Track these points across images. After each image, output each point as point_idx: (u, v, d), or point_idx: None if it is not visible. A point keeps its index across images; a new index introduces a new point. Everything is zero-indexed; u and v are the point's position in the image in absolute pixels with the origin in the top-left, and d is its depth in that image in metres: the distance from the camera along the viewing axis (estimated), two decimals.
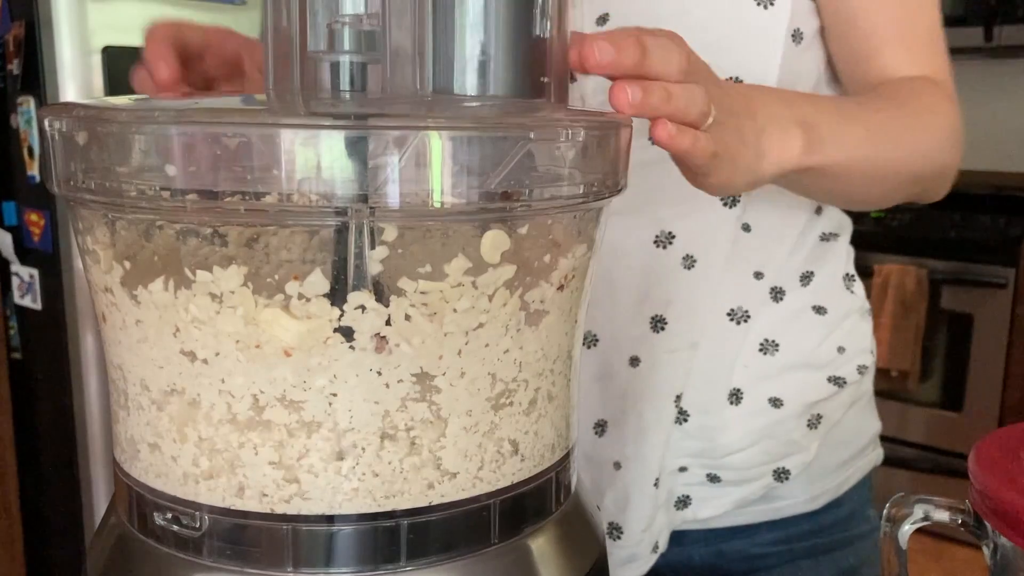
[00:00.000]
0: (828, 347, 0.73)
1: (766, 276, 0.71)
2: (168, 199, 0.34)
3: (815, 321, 0.73)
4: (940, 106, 0.66)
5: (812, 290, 0.73)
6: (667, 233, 0.68)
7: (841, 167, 0.57)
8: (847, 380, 0.73)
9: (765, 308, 0.71)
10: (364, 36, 0.40)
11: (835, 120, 0.58)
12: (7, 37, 1.61)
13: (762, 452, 0.71)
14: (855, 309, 0.76)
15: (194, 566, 0.38)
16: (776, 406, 0.71)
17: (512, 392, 0.40)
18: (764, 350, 0.71)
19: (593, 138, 0.39)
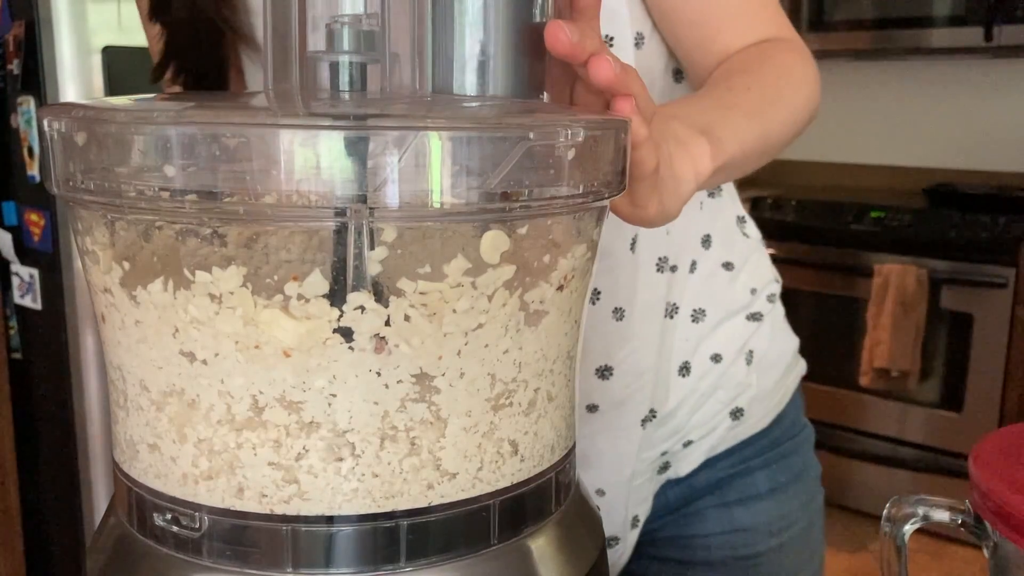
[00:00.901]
0: (741, 293, 0.80)
1: (679, 266, 0.75)
2: (167, 199, 0.34)
3: (726, 276, 0.79)
4: (794, 60, 0.68)
5: (715, 249, 0.78)
6: (594, 290, 0.71)
7: (741, 155, 0.59)
8: (763, 312, 0.80)
9: (687, 284, 0.76)
10: (363, 36, 0.40)
11: (719, 114, 0.59)
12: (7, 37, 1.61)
13: (716, 402, 0.78)
14: (752, 248, 0.82)
15: (194, 567, 0.38)
16: (716, 361, 0.78)
17: (512, 392, 0.40)
18: (695, 319, 0.77)
19: (593, 138, 0.39)
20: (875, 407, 2.51)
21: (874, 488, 2.46)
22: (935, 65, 2.80)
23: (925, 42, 2.53)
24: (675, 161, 0.52)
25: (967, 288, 2.34)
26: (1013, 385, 2.31)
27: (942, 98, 2.83)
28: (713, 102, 0.62)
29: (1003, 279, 2.28)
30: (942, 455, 2.42)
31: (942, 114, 2.83)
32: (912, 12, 2.53)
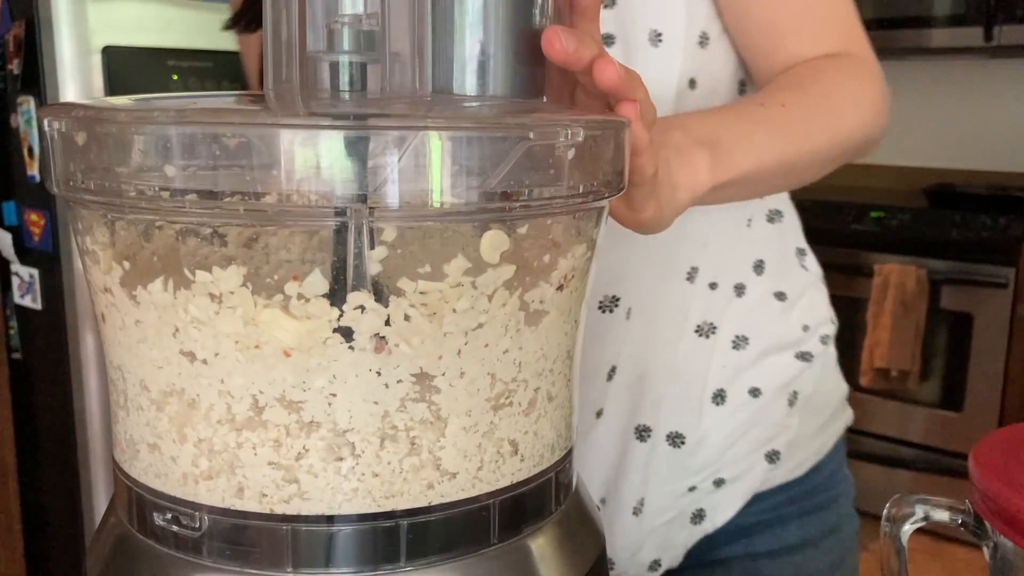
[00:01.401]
0: (793, 327, 0.75)
1: (720, 284, 0.72)
2: (167, 199, 0.34)
3: (778, 307, 0.75)
4: (852, 81, 0.65)
5: (768, 277, 0.75)
6: (611, 297, 0.69)
7: (755, 172, 0.58)
8: (814, 353, 0.76)
9: (730, 307, 0.73)
10: (363, 36, 0.40)
11: (738, 129, 0.58)
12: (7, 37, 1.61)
13: (752, 441, 0.74)
14: (810, 283, 0.78)
15: (194, 566, 0.38)
16: (756, 395, 0.73)
17: (512, 392, 0.40)
18: (737, 346, 0.73)
19: (593, 138, 0.39)
20: (875, 407, 2.50)
21: (874, 488, 2.46)
22: (935, 65, 2.80)
23: (925, 42, 2.53)
24: (673, 169, 0.52)
25: (967, 288, 2.34)
26: (1013, 385, 2.31)
27: (942, 98, 2.83)
28: (735, 116, 0.61)
29: (1003, 279, 2.28)
30: (942, 455, 2.41)
31: (942, 114, 2.83)
32: (912, 12, 2.53)
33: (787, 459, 0.75)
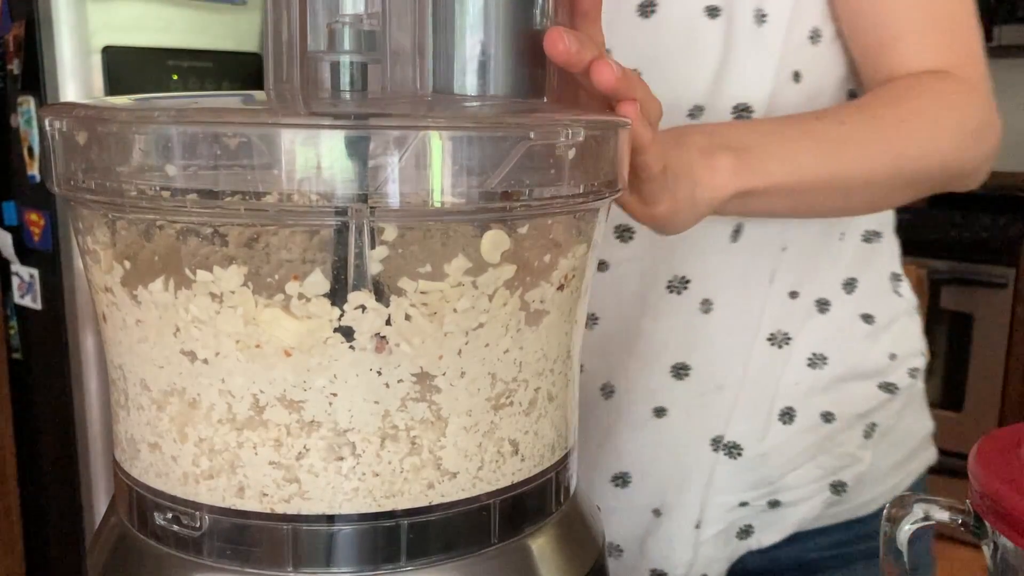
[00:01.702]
0: (879, 355, 0.71)
1: (802, 294, 0.69)
2: (168, 199, 0.34)
3: (863, 330, 0.71)
4: (945, 106, 0.62)
5: (857, 297, 0.71)
6: (680, 278, 0.67)
7: (792, 185, 0.56)
8: (899, 386, 0.72)
9: (810, 322, 0.69)
10: (364, 36, 0.40)
11: (776, 139, 0.57)
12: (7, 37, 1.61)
13: (817, 467, 0.70)
14: (903, 311, 0.74)
15: (194, 566, 0.38)
16: (828, 420, 0.69)
17: (512, 392, 0.40)
18: (813, 364, 0.69)
19: (593, 138, 0.39)
20: None
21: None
22: None
23: None
24: (695, 168, 0.51)
25: (967, 288, 2.34)
26: (1013, 385, 2.31)
27: None
28: (777, 127, 0.59)
29: (1003, 279, 2.28)
30: (942, 455, 2.41)
31: None
32: None
33: (855, 493, 0.71)
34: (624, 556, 0.73)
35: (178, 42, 1.56)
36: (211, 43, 1.59)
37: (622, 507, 0.71)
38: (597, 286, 0.67)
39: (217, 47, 1.59)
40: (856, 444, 0.71)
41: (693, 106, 0.64)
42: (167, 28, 1.56)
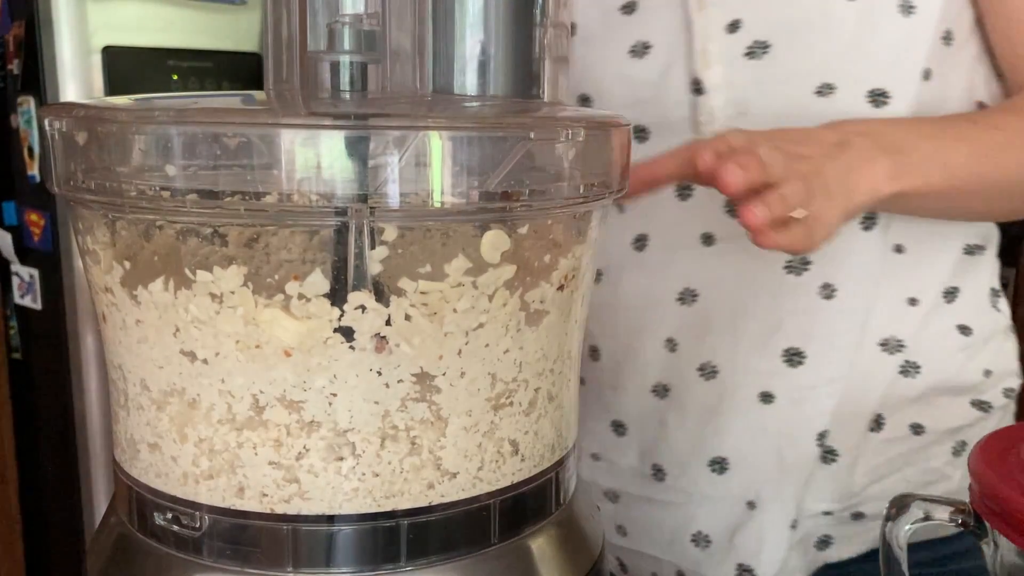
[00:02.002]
0: (973, 370, 0.70)
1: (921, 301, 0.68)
2: (168, 199, 0.34)
3: (960, 342, 0.69)
4: None
5: (956, 308, 0.69)
6: (800, 258, 0.65)
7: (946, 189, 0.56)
8: (993, 405, 0.70)
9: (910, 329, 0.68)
10: (364, 36, 0.40)
11: (932, 142, 0.57)
12: (7, 37, 1.61)
13: (902, 480, 0.69)
14: (1001, 329, 0.73)
15: (194, 566, 0.38)
16: (917, 432, 0.68)
17: (512, 392, 0.40)
18: (905, 372, 0.68)
19: (593, 138, 0.39)
20: None
21: None
22: None
23: None
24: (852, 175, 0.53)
25: None
26: None
27: None
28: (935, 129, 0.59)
29: (1003, 279, 2.27)
30: None
31: None
32: None
33: None
34: (712, 547, 0.71)
35: (178, 42, 1.56)
36: (211, 43, 1.59)
37: (717, 495, 0.70)
38: (697, 262, 0.66)
39: (217, 47, 1.59)
40: (944, 460, 0.69)
41: (823, 83, 0.64)
42: (167, 28, 1.56)
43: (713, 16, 0.65)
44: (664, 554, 0.74)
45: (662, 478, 0.73)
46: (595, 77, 0.69)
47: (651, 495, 0.74)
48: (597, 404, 0.75)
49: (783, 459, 0.68)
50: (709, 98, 0.65)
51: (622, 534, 0.77)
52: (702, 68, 0.65)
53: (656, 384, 0.71)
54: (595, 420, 0.76)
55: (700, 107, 0.65)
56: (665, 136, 0.67)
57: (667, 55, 0.67)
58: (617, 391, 0.73)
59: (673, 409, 0.71)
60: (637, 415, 0.73)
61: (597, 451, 0.76)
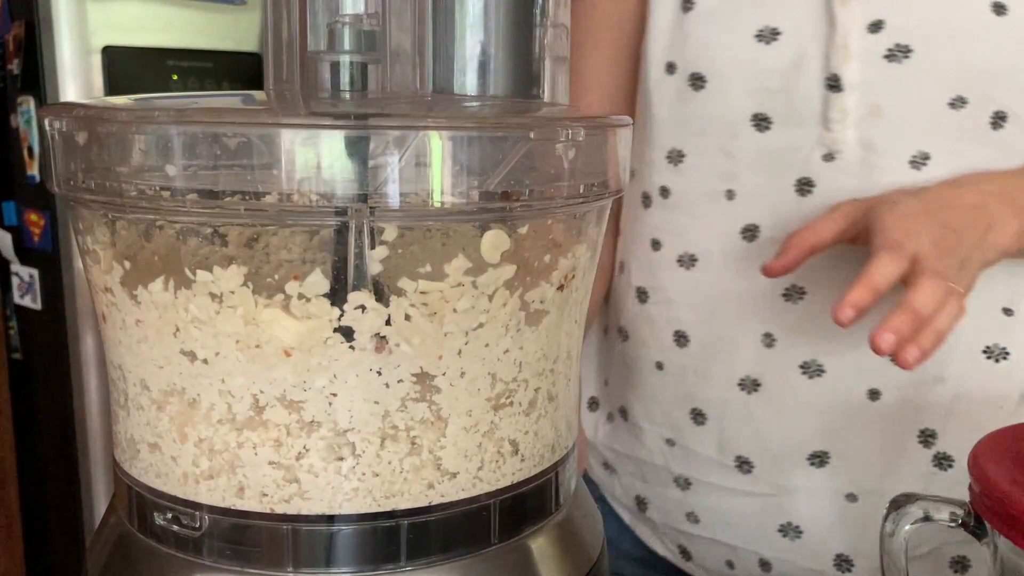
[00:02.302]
0: None
1: (1017, 312, 0.67)
2: (168, 199, 0.34)
3: None
4: None
5: None
6: None
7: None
8: None
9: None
10: (364, 36, 0.40)
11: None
12: (7, 37, 1.61)
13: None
14: None
15: (194, 566, 0.38)
16: None
17: (512, 392, 0.40)
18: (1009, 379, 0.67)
19: (593, 138, 0.39)
20: None
21: None
22: None
23: None
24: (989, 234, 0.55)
25: None
26: None
27: None
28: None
29: None
30: None
31: None
32: None
33: None
34: (803, 538, 0.71)
35: (178, 42, 1.56)
36: (211, 43, 1.59)
37: (813, 487, 0.70)
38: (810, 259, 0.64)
39: (217, 47, 1.59)
40: None
41: (956, 96, 0.64)
42: (167, 28, 1.56)
43: (856, 12, 0.64)
44: (745, 543, 0.74)
45: (748, 470, 0.72)
46: (714, 57, 0.68)
47: (733, 485, 0.73)
48: (677, 390, 0.74)
49: (886, 455, 0.68)
50: (844, 96, 0.64)
51: (692, 521, 0.77)
52: (841, 64, 0.64)
53: (745, 377, 0.70)
54: (673, 406, 0.75)
55: (833, 104, 0.64)
56: (789, 129, 0.66)
57: (799, 45, 0.65)
58: (702, 380, 0.73)
59: (765, 404, 0.70)
60: (719, 406, 0.72)
61: (672, 437, 0.76)
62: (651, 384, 0.76)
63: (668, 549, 0.80)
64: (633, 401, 0.79)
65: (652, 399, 0.77)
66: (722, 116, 0.68)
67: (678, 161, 0.71)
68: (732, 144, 0.68)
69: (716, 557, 0.77)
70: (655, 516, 0.80)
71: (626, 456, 0.81)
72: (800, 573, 0.73)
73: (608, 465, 0.84)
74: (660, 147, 0.72)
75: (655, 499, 0.80)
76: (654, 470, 0.79)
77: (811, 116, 0.65)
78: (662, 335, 0.74)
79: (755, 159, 0.68)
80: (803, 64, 0.65)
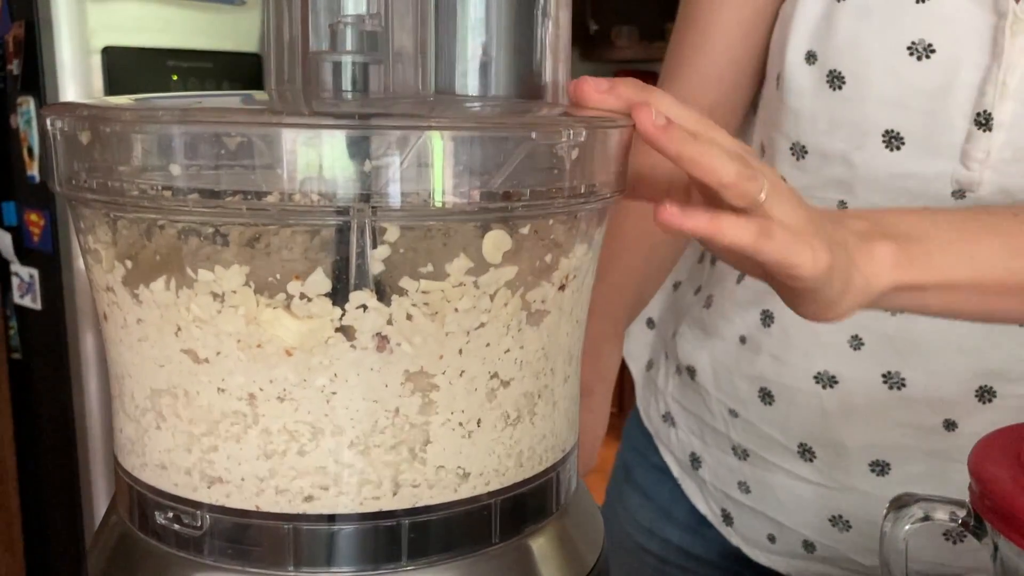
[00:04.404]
0: None
1: None
2: (170, 198, 0.34)
3: None
4: None
5: None
6: None
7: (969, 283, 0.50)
8: None
9: None
10: (366, 36, 0.40)
11: (954, 233, 0.51)
12: (7, 37, 1.61)
13: None
14: None
15: (195, 565, 0.38)
16: None
17: (513, 392, 0.40)
18: None
19: (595, 138, 0.39)
20: None
21: None
22: None
23: None
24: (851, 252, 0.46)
25: None
26: None
27: None
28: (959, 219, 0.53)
29: None
30: None
31: None
32: None
33: None
34: (852, 532, 0.71)
35: (178, 42, 1.57)
36: (211, 43, 1.59)
37: (869, 491, 0.70)
38: None
39: (217, 47, 1.59)
40: None
41: None
42: (167, 28, 1.56)
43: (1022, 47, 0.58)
44: (792, 523, 0.74)
45: (810, 459, 0.72)
46: (858, 58, 0.63)
47: (791, 468, 0.73)
48: (752, 367, 0.73)
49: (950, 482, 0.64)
50: (991, 136, 0.59)
51: (744, 490, 0.76)
52: (996, 102, 0.59)
53: (822, 372, 0.69)
54: (744, 380, 0.74)
55: (977, 142, 0.60)
56: (923, 155, 0.62)
57: (953, 69, 0.60)
58: (779, 363, 0.71)
59: (838, 402, 0.69)
60: (791, 393, 0.71)
61: (736, 409, 0.75)
62: (727, 354, 0.75)
63: (710, 509, 0.81)
64: (704, 365, 0.78)
65: (724, 368, 0.76)
66: (854, 123, 0.64)
67: (801, 156, 0.68)
68: (856, 155, 0.64)
69: (759, 529, 0.77)
70: (706, 476, 0.80)
71: (690, 413, 0.80)
72: (843, 561, 0.73)
73: (669, 416, 0.83)
74: (787, 136, 0.69)
75: (710, 460, 0.79)
76: (714, 434, 0.78)
77: (950, 148, 0.61)
78: (748, 312, 0.73)
79: (878, 177, 0.64)
80: (953, 91, 0.60)
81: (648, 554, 0.85)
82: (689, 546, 0.83)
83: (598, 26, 3.34)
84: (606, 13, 3.31)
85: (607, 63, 3.40)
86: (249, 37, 1.61)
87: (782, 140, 0.70)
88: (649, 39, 3.25)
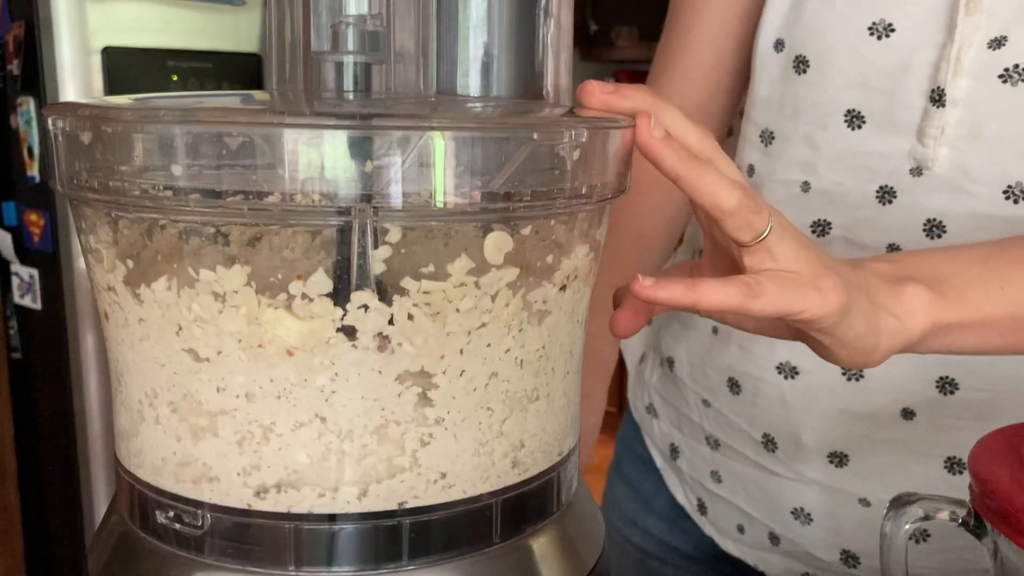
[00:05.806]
0: None
1: None
2: (171, 198, 0.34)
3: None
4: None
5: None
6: None
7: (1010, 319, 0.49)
8: None
9: None
10: (368, 36, 0.40)
11: (982, 267, 0.50)
12: (7, 37, 1.61)
13: None
14: None
15: (196, 565, 0.38)
16: None
17: (513, 392, 0.40)
18: None
19: (596, 139, 0.39)
20: None
21: None
22: None
23: None
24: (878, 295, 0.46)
25: None
26: None
27: None
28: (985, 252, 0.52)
29: None
30: None
31: None
32: None
33: None
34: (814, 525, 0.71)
35: (178, 42, 1.57)
36: (211, 43, 1.59)
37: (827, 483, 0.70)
38: None
39: (217, 47, 1.59)
40: None
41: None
42: (167, 28, 1.56)
43: (979, 24, 0.59)
44: (759, 514, 0.75)
45: (772, 450, 0.72)
46: (821, 42, 0.64)
47: (756, 459, 0.74)
48: (721, 358, 0.74)
49: (908, 473, 0.67)
50: (945, 112, 0.60)
51: (716, 480, 0.77)
52: (949, 78, 0.59)
53: (784, 363, 0.69)
54: (715, 371, 0.75)
55: (932, 118, 0.60)
56: (882, 133, 0.63)
57: (911, 47, 0.61)
58: (745, 353, 0.72)
59: (799, 393, 0.69)
60: (755, 383, 0.72)
61: (708, 399, 0.76)
62: (701, 344, 0.76)
63: (687, 499, 0.82)
64: (682, 356, 0.79)
65: (697, 359, 0.77)
66: (816, 105, 0.65)
67: (768, 142, 0.69)
68: (820, 136, 0.65)
69: (730, 518, 0.78)
70: (684, 466, 0.81)
71: (670, 404, 0.82)
72: (805, 556, 0.73)
73: (652, 408, 0.85)
74: (755, 124, 0.70)
75: (687, 451, 0.80)
76: (690, 424, 0.79)
77: (907, 126, 0.62)
78: None
79: (839, 156, 0.64)
80: (910, 69, 0.61)
81: (631, 545, 0.87)
82: (668, 538, 0.84)
83: (598, 26, 3.34)
84: (606, 13, 3.32)
85: (607, 63, 3.40)
86: (249, 37, 1.61)
87: (751, 128, 0.70)
88: (649, 39, 3.25)
